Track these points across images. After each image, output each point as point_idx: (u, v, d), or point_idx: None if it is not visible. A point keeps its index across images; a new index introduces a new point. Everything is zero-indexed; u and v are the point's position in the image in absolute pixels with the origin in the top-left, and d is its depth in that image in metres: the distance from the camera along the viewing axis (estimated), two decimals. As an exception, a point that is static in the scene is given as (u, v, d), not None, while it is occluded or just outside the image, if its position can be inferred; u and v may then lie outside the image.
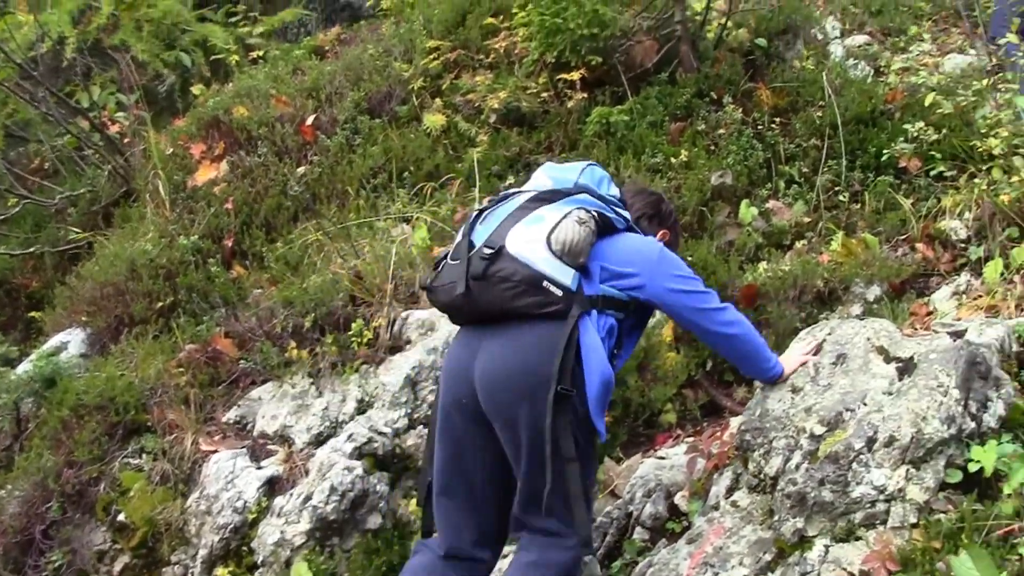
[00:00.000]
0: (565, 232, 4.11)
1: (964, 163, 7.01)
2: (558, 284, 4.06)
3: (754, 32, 8.70)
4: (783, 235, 7.10)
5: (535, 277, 4.05)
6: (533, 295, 4.06)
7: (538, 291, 4.05)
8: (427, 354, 6.00)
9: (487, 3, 9.19)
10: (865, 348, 4.78)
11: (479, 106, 8.18)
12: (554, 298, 4.06)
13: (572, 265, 4.12)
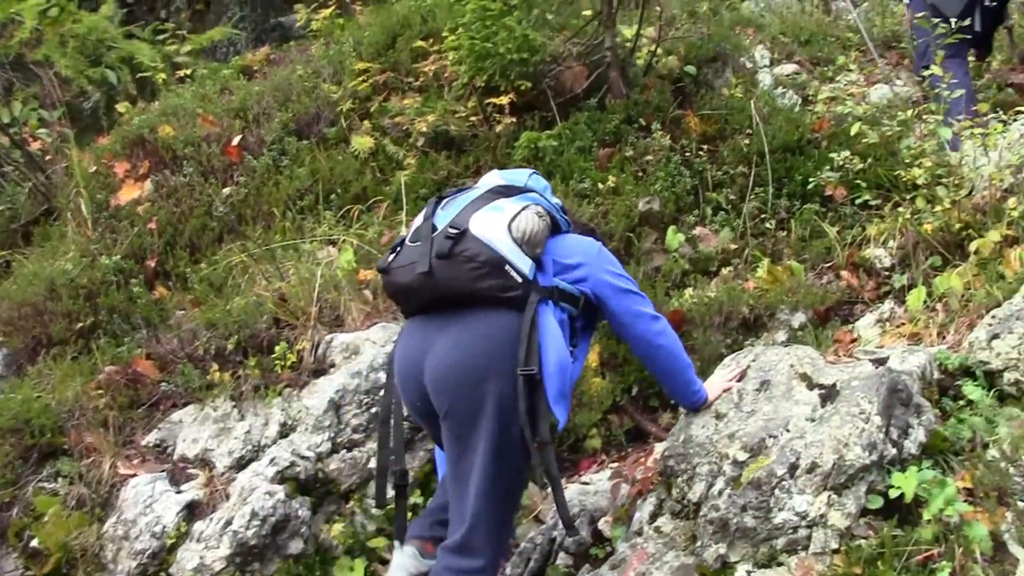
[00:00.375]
0: (526, 222, 4.26)
1: (889, 192, 7.08)
2: (518, 270, 4.18)
3: (684, 59, 8.76)
4: (709, 261, 7.14)
5: (498, 260, 4.15)
6: (496, 277, 4.15)
7: (500, 274, 4.15)
8: (351, 378, 5.96)
9: (417, 26, 9.18)
10: (789, 375, 4.82)
11: (407, 129, 8.16)
12: (514, 283, 4.17)
13: (530, 255, 4.24)
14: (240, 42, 13.65)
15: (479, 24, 7.80)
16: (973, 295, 5.81)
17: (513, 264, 4.18)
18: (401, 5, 9.93)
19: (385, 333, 6.16)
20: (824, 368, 4.85)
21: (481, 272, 4.15)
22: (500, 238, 4.20)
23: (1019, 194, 6.27)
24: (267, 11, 14.88)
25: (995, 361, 5.14)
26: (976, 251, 6.08)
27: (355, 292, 6.51)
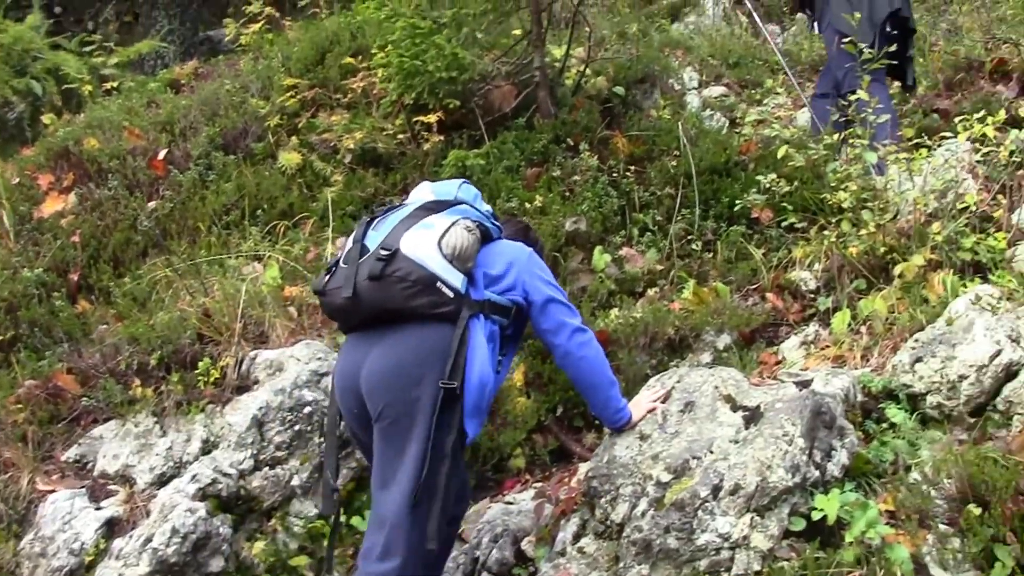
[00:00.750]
0: (455, 238, 4.40)
1: (814, 215, 7.12)
2: (449, 286, 4.33)
3: (612, 80, 8.79)
4: (636, 282, 7.14)
5: (429, 277, 4.29)
6: (427, 295, 4.29)
7: (432, 291, 4.30)
8: (275, 395, 5.90)
9: (347, 43, 9.16)
10: (713, 396, 4.83)
11: (335, 145, 8.14)
12: (446, 299, 4.32)
13: (461, 270, 4.40)
14: (168, 55, 13.60)
15: (408, 42, 7.79)
16: (897, 318, 5.85)
17: (445, 280, 4.32)
18: (331, 21, 9.91)
19: (309, 350, 6.12)
20: (748, 390, 4.87)
21: (414, 291, 4.28)
22: (431, 256, 4.32)
23: (943, 219, 6.33)
24: (196, 25, 14.83)
25: (918, 384, 5.19)
26: (900, 275, 6.13)
27: (280, 309, 6.47)
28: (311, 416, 5.91)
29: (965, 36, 9.97)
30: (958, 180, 6.66)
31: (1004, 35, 8.80)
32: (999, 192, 6.60)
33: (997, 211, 6.42)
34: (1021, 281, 5.68)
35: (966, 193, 6.54)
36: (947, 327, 5.32)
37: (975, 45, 9.19)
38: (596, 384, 4.75)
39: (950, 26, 10.61)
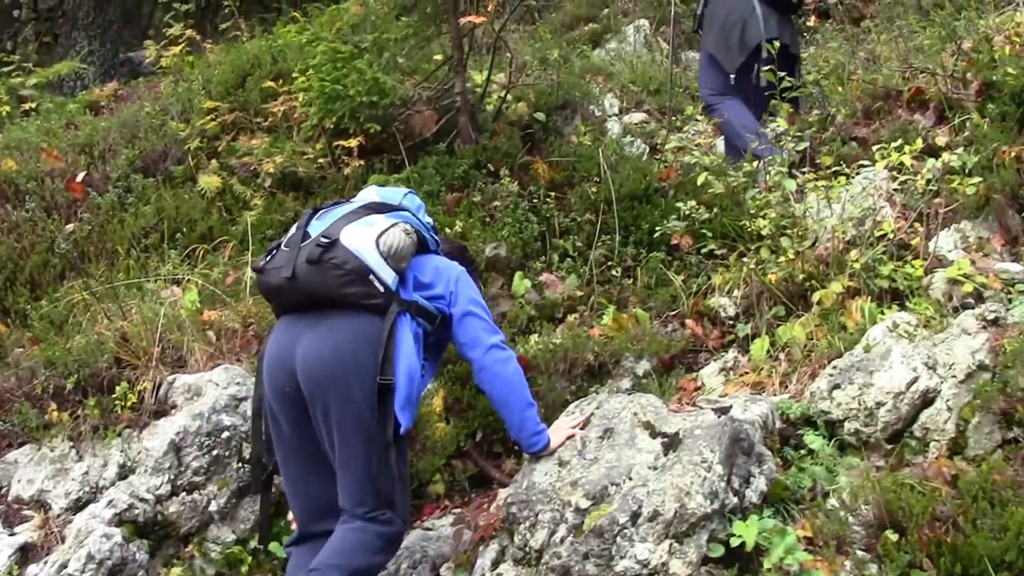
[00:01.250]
0: (393, 237, 4.71)
1: (734, 242, 7.15)
2: (381, 280, 4.63)
3: (533, 106, 8.80)
4: (555, 308, 7.12)
5: (364, 269, 4.59)
6: (360, 285, 4.60)
7: (364, 282, 4.60)
8: (192, 419, 5.84)
9: (268, 66, 9.13)
10: (632, 423, 4.84)
11: (255, 169, 8.09)
12: (376, 291, 4.62)
13: (394, 268, 4.70)
14: (88, 76, 13.49)
15: (329, 66, 7.77)
16: (815, 345, 5.89)
17: (377, 274, 4.62)
18: (252, 44, 9.88)
19: (228, 375, 6.06)
20: (667, 416, 4.89)
21: (347, 279, 4.58)
22: (367, 249, 4.63)
23: (861, 246, 6.39)
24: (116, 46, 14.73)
25: (836, 411, 5.24)
26: (819, 302, 6.17)
27: (199, 333, 6.41)
28: (229, 441, 5.86)
29: (883, 65, 10.07)
30: (876, 208, 6.73)
31: (921, 65, 8.88)
32: (916, 220, 6.66)
33: (914, 239, 6.47)
34: (938, 308, 5.74)
35: (884, 221, 6.59)
36: (865, 354, 5.38)
37: (893, 74, 9.28)
38: (511, 404, 4.89)
39: (869, 55, 10.70)
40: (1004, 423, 4.77)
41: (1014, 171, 6.71)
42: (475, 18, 8.11)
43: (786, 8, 8.90)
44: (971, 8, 9.92)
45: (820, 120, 8.93)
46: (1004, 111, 7.23)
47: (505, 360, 4.87)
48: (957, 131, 7.51)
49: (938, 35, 9.42)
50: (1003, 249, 6.55)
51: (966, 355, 5.03)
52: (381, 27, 8.25)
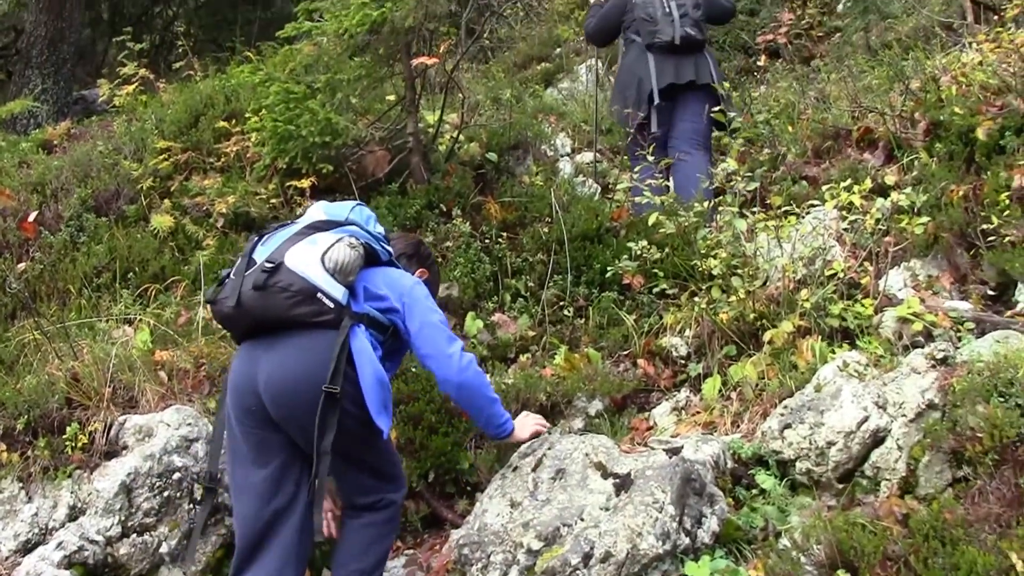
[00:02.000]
0: (337, 253, 4.73)
1: (685, 282, 7.18)
2: (330, 297, 4.66)
3: (486, 146, 8.85)
4: (508, 348, 7.14)
5: (311, 289, 4.64)
6: (309, 305, 4.63)
7: (313, 301, 4.64)
8: (144, 460, 5.80)
9: (221, 106, 9.13)
10: (584, 463, 4.85)
11: (208, 209, 8.07)
12: (327, 308, 4.65)
13: (342, 283, 4.73)
14: (41, 115, 13.46)
15: (282, 106, 7.79)
16: (767, 384, 5.93)
17: (326, 292, 4.66)
18: (205, 84, 9.88)
19: (179, 415, 6.02)
20: (619, 457, 4.90)
21: (295, 300, 4.62)
22: (313, 268, 4.67)
23: (811, 285, 6.43)
24: (70, 85, 14.70)
25: (787, 451, 5.25)
26: (770, 341, 6.20)
27: (150, 373, 6.37)
28: (180, 482, 5.81)
29: (833, 104, 10.16)
30: (826, 247, 6.78)
31: (870, 104, 8.97)
32: (866, 259, 6.72)
33: (864, 278, 6.52)
34: (888, 347, 5.79)
35: (834, 260, 6.65)
36: (815, 393, 5.40)
37: (843, 113, 9.36)
38: (478, 407, 5.03)
39: (819, 94, 10.79)
40: (954, 462, 4.79)
41: (962, 209, 6.78)
42: (427, 59, 8.14)
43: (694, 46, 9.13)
44: (918, 48, 10.04)
45: (771, 159, 8.99)
46: (951, 150, 7.32)
47: (466, 367, 4.91)
48: (906, 170, 7.59)
49: (886, 75, 9.52)
50: (952, 287, 6.61)
51: (916, 394, 5.06)
52: (334, 67, 8.26)
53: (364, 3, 7.90)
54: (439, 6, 8.12)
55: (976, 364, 4.98)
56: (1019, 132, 7.12)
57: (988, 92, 7.74)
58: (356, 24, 7.83)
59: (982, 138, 7.21)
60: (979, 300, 6.37)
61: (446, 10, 8.38)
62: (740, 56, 14.56)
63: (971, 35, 9.60)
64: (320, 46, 8.53)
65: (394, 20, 7.90)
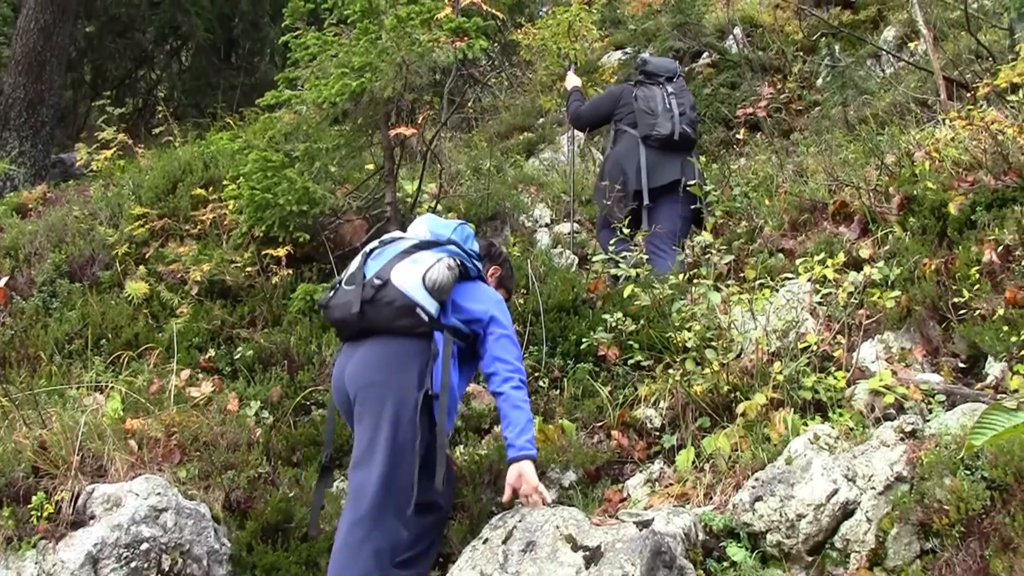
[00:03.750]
0: (437, 274, 5.41)
1: (660, 353, 7.17)
2: (426, 311, 5.34)
3: (463, 216, 8.84)
4: (482, 419, 7.10)
5: (411, 305, 5.33)
6: (409, 318, 5.33)
7: (412, 315, 5.33)
8: (111, 530, 5.73)
9: (199, 172, 9.15)
10: (554, 536, 4.83)
11: (183, 276, 8.06)
12: (422, 321, 5.34)
13: (437, 300, 5.41)
14: (18, 178, 13.44)
15: (260, 174, 7.79)
16: (740, 456, 5.91)
17: (423, 308, 5.34)
18: (184, 150, 9.90)
19: (149, 485, 5.97)
20: (589, 530, 4.88)
21: (398, 314, 5.33)
22: (414, 287, 5.37)
23: (785, 358, 6.44)
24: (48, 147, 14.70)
25: (758, 523, 5.24)
26: (743, 413, 6.19)
27: (120, 442, 6.33)
28: (148, 553, 5.74)
29: (810, 178, 10.22)
30: (799, 320, 6.79)
31: (847, 178, 9.03)
32: (839, 332, 6.73)
33: (837, 350, 6.54)
34: (860, 419, 5.79)
35: (807, 333, 6.66)
36: (786, 466, 5.39)
37: (820, 187, 9.42)
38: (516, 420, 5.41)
39: (797, 168, 10.85)
40: (922, 534, 4.80)
41: (934, 283, 6.82)
42: (405, 130, 8.17)
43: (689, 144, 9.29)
44: (894, 124, 10.12)
45: (748, 232, 9.02)
46: (925, 224, 7.36)
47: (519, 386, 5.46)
48: (880, 243, 7.62)
49: (863, 149, 9.59)
50: (924, 360, 6.63)
51: (885, 467, 5.06)
52: (313, 136, 8.29)
53: (344, 73, 7.93)
54: (419, 77, 8.17)
55: (944, 437, 5.00)
56: (989, 207, 7.19)
57: (960, 168, 7.81)
58: (335, 94, 7.86)
59: (954, 213, 7.27)
60: (950, 373, 6.39)
61: (427, 81, 8.42)
62: (720, 128, 14.65)
63: (944, 112, 9.69)
64: (300, 114, 8.56)
65: (373, 90, 7.93)
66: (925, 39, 11.88)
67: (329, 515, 6.01)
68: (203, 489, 6.13)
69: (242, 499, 6.24)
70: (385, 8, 8.24)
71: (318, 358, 7.09)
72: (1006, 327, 6.26)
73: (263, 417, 6.84)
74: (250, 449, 6.48)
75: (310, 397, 6.91)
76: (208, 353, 7.34)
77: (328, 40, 8.33)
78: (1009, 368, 6.12)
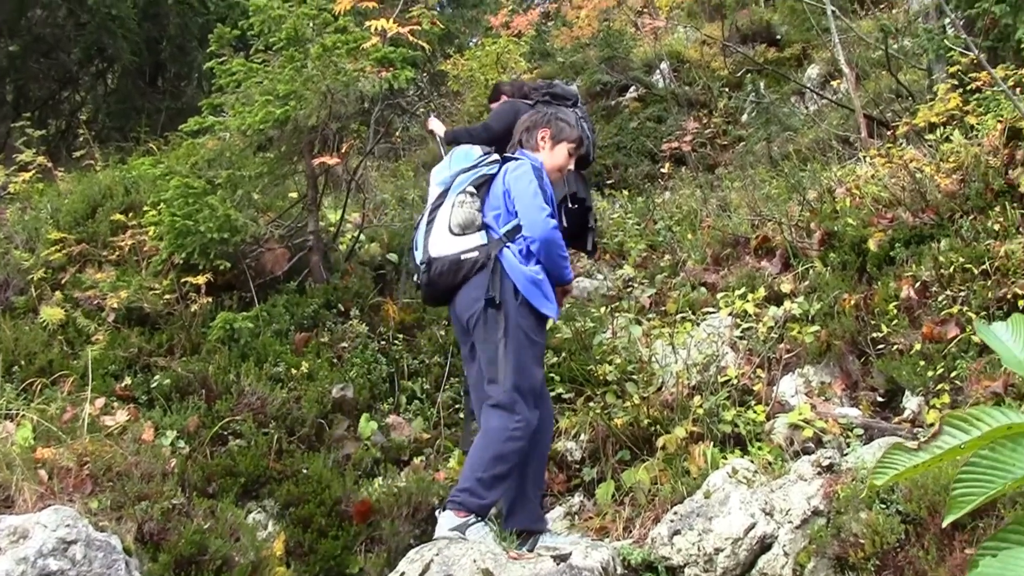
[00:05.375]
0: (456, 216, 5.83)
1: (581, 386, 7.17)
2: (474, 249, 5.75)
3: (387, 247, 8.81)
4: (402, 451, 7.05)
5: (457, 260, 5.76)
6: (464, 268, 5.75)
7: (464, 264, 5.74)
8: (16, 564, 5.54)
9: (120, 197, 9.03)
10: (471, 570, 4.79)
11: (100, 303, 7.93)
12: (475, 259, 5.73)
13: (475, 231, 5.81)
14: (-68, 200, 13.22)
15: (181, 201, 7.70)
16: (659, 490, 5.91)
17: (468, 252, 5.75)
18: (105, 175, 9.77)
19: (58, 516, 5.81)
20: (506, 564, 4.84)
21: (452, 273, 5.77)
22: (448, 244, 5.81)
23: (705, 391, 6.46)
24: (-36, 170, 14.47)
25: (676, 557, 5.24)
26: (663, 446, 6.21)
27: (29, 471, 6.20)
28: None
29: (734, 213, 10.29)
30: (720, 354, 6.82)
31: (769, 213, 9.10)
32: (759, 366, 6.76)
33: (757, 384, 6.57)
34: (778, 453, 5.81)
35: (728, 367, 6.69)
36: (705, 500, 5.40)
37: (743, 222, 9.48)
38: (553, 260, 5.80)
39: (721, 202, 10.93)
40: (838, 567, 4.82)
41: (854, 318, 6.88)
42: (329, 159, 8.11)
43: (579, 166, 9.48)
44: (816, 160, 10.22)
45: (671, 266, 9.06)
46: (845, 260, 7.44)
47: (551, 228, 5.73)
48: (801, 278, 7.68)
49: (786, 185, 9.67)
50: (843, 394, 6.69)
51: (802, 501, 5.09)
52: (237, 163, 8.22)
53: (269, 100, 7.88)
54: (344, 106, 8.13)
55: (861, 471, 5.03)
56: (908, 244, 7.28)
57: (880, 205, 7.91)
58: (260, 121, 7.81)
59: (873, 249, 7.35)
60: (868, 407, 6.46)
61: (353, 110, 8.38)
62: (646, 162, 14.73)
63: (865, 149, 9.81)
64: (224, 141, 8.49)
65: (298, 118, 7.89)
66: (847, 78, 12.03)
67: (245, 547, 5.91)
68: (115, 520, 5.98)
69: (155, 531, 6.10)
70: (311, 37, 8.20)
71: (236, 387, 6.98)
72: (923, 362, 6.34)
73: (179, 447, 6.70)
74: (164, 480, 6.33)
75: (227, 427, 6.79)
76: (124, 381, 7.21)
77: (254, 67, 8.27)
78: (926, 402, 6.20)
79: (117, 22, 14.07)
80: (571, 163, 6.39)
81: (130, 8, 13.99)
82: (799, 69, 16.90)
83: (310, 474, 6.43)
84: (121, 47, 14.44)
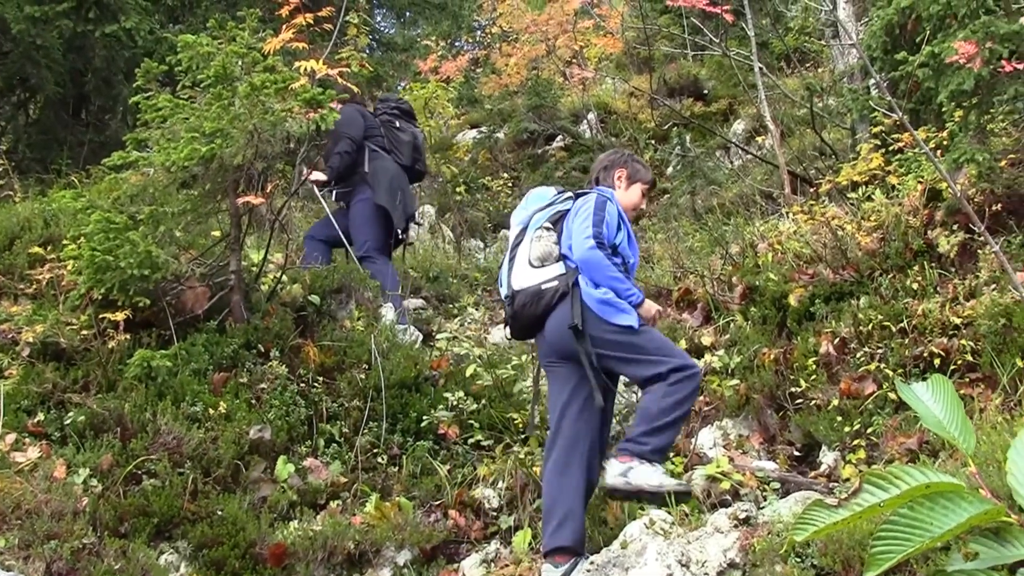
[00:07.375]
0: (535, 251, 6.32)
1: (501, 433, 7.18)
2: (552, 280, 6.20)
3: (309, 288, 8.76)
4: (318, 494, 6.99)
5: (537, 291, 6.21)
6: (546, 297, 6.18)
7: (546, 294, 6.18)
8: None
9: (38, 230, 8.92)
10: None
11: (15, 337, 7.80)
12: (555, 288, 6.17)
13: (553, 263, 6.25)
14: None
15: (102, 235, 7.61)
16: (576, 540, 5.90)
17: (548, 282, 6.21)
18: (24, 206, 9.64)
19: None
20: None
21: (536, 304, 6.20)
22: (530, 277, 6.27)
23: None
24: None
25: (587, 608, 5.22)
26: (581, 495, 6.20)
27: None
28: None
29: (656, 264, 10.36)
30: (641, 404, 6.84)
31: (692, 266, 9.17)
32: (679, 418, 6.79)
33: (676, 436, 6.60)
34: (695, 505, 5.82)
35: (647, 417, 6.71)
36: (621, 550, 5.41)
37: (665, 273, 9.54)
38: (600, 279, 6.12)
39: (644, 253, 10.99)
40: (754, 621, 4.82)
41: (773, 372, 6.94)
42: (252, 198, 8.05)
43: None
44: (740, 215, 10.31)
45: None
46: (765, 314, 7.51)
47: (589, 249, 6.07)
48: (721, 331, 7.74)
49: (709, 238, 9.75)
50: (761, 447, 6.74)
51: (718, 553, 5.09)
52: (160, 199, 8.13)
53: (194, 137, 7.82)
54: (271, 146, 8.09)
55: (777, 525, 5.05)
56: (828, 300, 7.38)
57: (801, 261, 8.00)
58: (185, 158, 7.73)
59: (794, 304, 7.43)
60: (785, 461, 6.51)
61: (279, 150, 8.34)
62: (570, 211, 14.78)
63: (788, 206, 9.92)
64: (148, 176, 8.41)
65: (223, 157, 7.84)
66: (772, 134, 12.20)
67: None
68: (23, 560, 5.87)
69: (64, 570, 5.99)
70: (240, 75, 8.16)
71: (152, 426, 6.88)
72: (840, 417, 6.42)
73: (91, 485, 6.58)
74: (75, 518, 6.22)
75: (142, 466, 6.69)
76: (37, 417, 7.07)
77: (180, 103, 8.21)
78: (842, 457, 6.26)
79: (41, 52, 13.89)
80: (644, 202, 6.86)
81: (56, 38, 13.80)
82: (725, 124, 17.10)
83: (225, 516, 6.36)
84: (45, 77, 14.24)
